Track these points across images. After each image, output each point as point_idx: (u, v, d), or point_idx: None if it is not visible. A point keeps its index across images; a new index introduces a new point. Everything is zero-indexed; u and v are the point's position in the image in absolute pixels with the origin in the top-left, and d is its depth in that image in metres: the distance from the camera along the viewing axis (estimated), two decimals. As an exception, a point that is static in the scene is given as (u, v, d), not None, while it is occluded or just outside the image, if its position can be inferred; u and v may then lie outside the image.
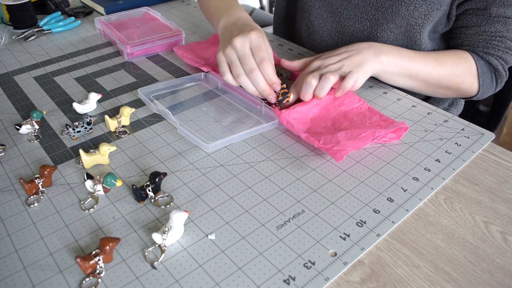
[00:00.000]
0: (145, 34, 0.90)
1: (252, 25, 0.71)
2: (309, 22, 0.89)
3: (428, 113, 0.70)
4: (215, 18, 0.78)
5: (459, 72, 0.74)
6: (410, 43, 0.79)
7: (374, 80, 0.78)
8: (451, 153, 0.61)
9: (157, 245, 0.48)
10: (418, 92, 0.78)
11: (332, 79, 0.64)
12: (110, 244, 0.44)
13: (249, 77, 0.66)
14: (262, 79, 0.65)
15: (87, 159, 0.58)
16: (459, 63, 0.74)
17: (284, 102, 0.67)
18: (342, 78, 0.66)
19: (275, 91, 0.67)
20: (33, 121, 0.65)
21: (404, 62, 0.71)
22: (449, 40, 0.82)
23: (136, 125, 0.67)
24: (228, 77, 0.68)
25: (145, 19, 0.99)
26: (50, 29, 0.99)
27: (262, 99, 0.69)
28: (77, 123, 0.65)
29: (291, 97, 0.67)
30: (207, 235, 0.49)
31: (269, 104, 0.68)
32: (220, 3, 0.81)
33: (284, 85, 0.68)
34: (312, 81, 0.64)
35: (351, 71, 0.65)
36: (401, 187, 0.56)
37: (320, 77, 0.65)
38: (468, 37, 0.76)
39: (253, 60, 0.66)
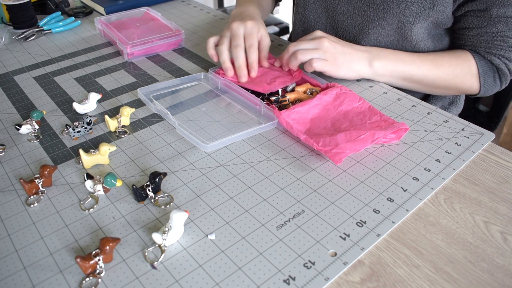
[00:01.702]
0: (145, 34, 0.90)
1: (253, 16, 0.79)
2: (304, 17, 0.91)
3: (428, 113, 0.70)
4: (236, 5, 0.92)
5: (457, 73, 0.76)
6: (401, 40, 0.80)
7: (374, 80, 0.78)
8: (451, 153, 0.61)
9: (157, 245, 0.48)
10: (417, 91, 0.81)
11: (300, 59, 0.71)
12: (110, 244, 0.44)
13: (232, 51, 0.74)
14: (243, 56, 0.73)
15: (87, 159, 0.58)
16: (457, 64, 0.75)
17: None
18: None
19: (275, 102, 0.69)
20: (33, 121, 0.65)
21: (398, 66, 0.74)
22: (452, 40, 0.82)
23: (136, 125, 0.67)
24: (210, 41, 0.79)
25: (145, 19, 0.99)
26: (50, 29, 0.99)
27: (262, 99, 0.69)
28: (77, 123, 0.65)
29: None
30: (207, 235, 0.49)
31: (269, 104, 0.69)
32: None
33: (286, 98, 0.69)
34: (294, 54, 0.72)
35: (316, 59, 0.71)
36: (401, 187, 0.56)
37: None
38: (470, 38, 0.76)
39: (242, 40, 0.74)
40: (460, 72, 0.76)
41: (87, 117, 0.64)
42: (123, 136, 0.65)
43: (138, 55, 0.88)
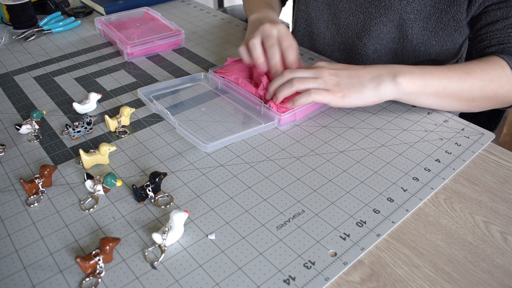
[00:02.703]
0: (145, 34, 0.90)
1: (278, 21, 0.76)
2: (306, 14, 0.91)
3: (428, 113, 0.70)
4: (250, 11, 0.85)
5: (491, 77, 0.66)
6: (402, 37, 0.80)
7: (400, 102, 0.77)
8: (451, 153, 0.61)
9: (157, 245, 0.48)
10: (453, 110, 0.70)
11: (297, 87, 0.64)
12: (110, 244, 0.44)
13: (267, 50, 0.69)
14: (279, 55, 0.68)
15: (87, 159, 0.58)
16: (489, 67, 0.67)
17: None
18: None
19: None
20: (33, 121, 0.65)
21: (426, 79, 0.64)
22: (473, 46, 0.76)
23: (136, 125, 0.67)
24: (243, 48, 0.73)
25: (145, 19, 0.98)
26: (50, 29, 0.99)
27: (261, 99, 0.69)
28: (77, 123, 0.65)
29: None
30: (207, 235, 0.49)
31: (265, 102, 0.68)
32: (259, 2, 0.87)
33: None
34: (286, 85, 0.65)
35: (315, 89, 0.63)
36: (401, 187, 0.56)
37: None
38: (496, 34, 0.70)
39: (276, 40, 0.70)
40: (494, 76, 0.66)
41: (87, 117, 0.64)
42: (123, 136, 0.65)
43: (138, 55, 0.88)
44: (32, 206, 0.53)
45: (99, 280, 0.44)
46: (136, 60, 0.87)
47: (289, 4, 1.12)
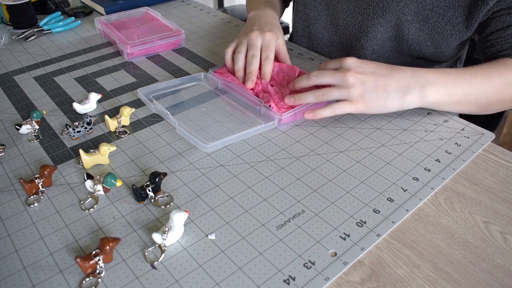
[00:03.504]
0: (145, 34, 0.90)
1: (273, 24, 0.79)
2: (304, 15, 0.91)
3: (428, 113, 0.70)
4: (250, 9, 0.89)
5: (510, 81, 0.67)
6: (398, 36, 0.80)
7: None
8: (451, 153, 0.61)
9: (157, 245, 0.48)
10: (468, 113, 0.70)
11: (319, 98, 0.64)
12: (110, 244, 0.44)
13: (248, 59, 0.73)
14: (256, 66, 0.72)
15: (87, 159, 0.58)
16: (507, 71, 0.67)
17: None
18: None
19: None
20: (33, 121, 0.65)
21: (450, 89, 0.64)
22: (483, 50, 0.76)
23: (136, 125, 0.67)
24: (228, 51, 0.77)
25: (145, 19, 0.98)
26: (50, 29, 0.99)
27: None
28: (77, 123, 0.65)
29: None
30: (207, 235, 0.49)
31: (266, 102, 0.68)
32: (260, 0, 0.90)
33: None
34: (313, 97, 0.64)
35: (337, 105, 0.63)
36: (401, 187, 0.56)
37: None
38: (507, 39, 0.70)
39: (259, 51, 0.74)
40: None
41: (87, 117, 0.64)
42: (123, 136, 0.65)
43: (138, 55, 0.88)
44: (32, 206, 0.53)
45: (99, 280, 0.44)
46: (136, 60, 0.87)
47: (290, 5, 1.12)
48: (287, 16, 2.56)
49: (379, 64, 0.65)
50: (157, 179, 0.53)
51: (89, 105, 0.70)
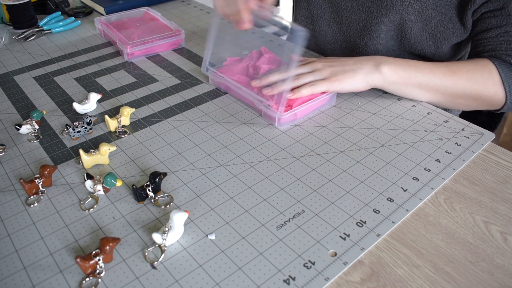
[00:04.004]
0: (145, 34, 0.90)
1: None
2: (307, 12, 0.91)
3: (428, 113, 0.70)
4: None
5: (476, 78, 0.69)
6: (400, 35, 0.80)
7: (386, 91, 0.78)
8: (451, 153, 0.61)
9: (157, 245, 0.48)
10: (438, 104, 0.73)
11: (295, 83, 0.68)
12: (110, 244, 0.44)
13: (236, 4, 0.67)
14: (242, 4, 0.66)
15: (87, 159, 0.58)
16: (476, 69, 0.69)
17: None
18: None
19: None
20: (33, 121, 0.65)
21: (410, 72, 0.69)
22: (470, 50, 0.78)
23: (136, 125, 0.67)
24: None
25: (145, 19, 0.98)
26: (50, 29, 0.99)
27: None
28: (77, 123, 0.65)
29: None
30: (207, 235, 0.49)
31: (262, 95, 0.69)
32: None
33: None
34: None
35: (314, 82, 0.68)
36: (401, 187, 0.56)
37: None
38: (489, 41, 0.72)
39: None
40: (480, 77, 0.69)
41: (87, 117, 0.64)
42: (123, 136, 0.65)
43: (138, 55, 0.88)
44: (32, 206, 0.53)
45: (99, 280, 0.44)
46: (136, 60, 0.87)
47: (290, 4, 1.12)
48: (288, 16, 2.55)
49: (337, 57, 0.74)
50: (157, 179, 0.53)
51: (89, 105, 0.70)
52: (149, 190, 0.52)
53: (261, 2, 0.70)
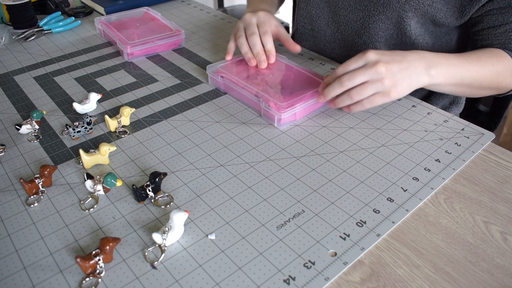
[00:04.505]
0: (145, 34, 0.90)
1: (266, 10, 0.84)
2: (306, 12, 0.92)
3: (428, 113, 0.70)
4: (248, 7, 0.95)
5: (500, 71, 0.73)
6: (400, 33, 0.80)
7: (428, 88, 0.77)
8: (451, 153, 0.61)
9: (157, 245, 0.48)
10: (459, 95, 0.77)
11: (356, 98, 0.63)
12: (110, 244, 0.44)
13: (248, 39, 0.78)
14: (259, 43, 0.77)
15: (87, 159, 0.58)
16: (498, 62, 0.73)
17: None
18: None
19: None
20: (33, 121, 0.65)
21: (451, 71, 0.69)
22: (473, 43, 0.80)
23: (136, 125, 0.67)
24: (231, 43, 0.82)
25: (145, 19, 0.98)
26: (50, 29, 0.99)
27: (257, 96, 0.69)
28: (77, 123, 0.65)
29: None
30: (207, 235, 0.49)
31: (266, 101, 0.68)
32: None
33: None
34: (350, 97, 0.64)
35: (378, 96, 0.63)
36: (401, 187, 0.56)
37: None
38: (497, 37, 0.74)
39: (255, 28, 0.78)
40: (502, 70, 0.73)
41: (87, 117, 0.64)
42: (123, 136, 0.65)
43: (138, 55, 0.88)
44: (32, 206, 0.53)
45: (99, 280, 0.44)
46: (136, 60, 0.87)
47: (290, 4, 1.12)
48: (288, 15, 2.56)
49: (391, 51, 0.67)
50: (157, 179, 0.53)
51: (89, 105, 0.70)
52: (149, 190, 0.52)
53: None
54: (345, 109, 0.66)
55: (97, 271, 0.44)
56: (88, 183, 0.54)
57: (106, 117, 0.65)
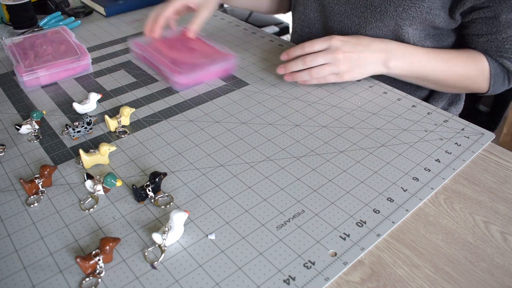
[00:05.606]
0: (191, 58, 0.77)
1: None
2: (303, 16, 0.91)
3: (428, 113, 0.70)
4: None
5: (469, 75, 0.77)
6: (397, 40, 0.80)
7: (374, 80, 0.78)
8: (451, 153, 0.61)
9: (157, 245, 0.48)
10: (426, 87, 0.83)
11: (309, 64, 0.73)
12: (110, 244, 0.44)
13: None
14: (161, 12, 0.83)
15: (87, 159, 0.58)
16: (471, 66, 0.77)
17: None
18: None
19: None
20: (33, 121, 0.65)
21: (414, 67, 0.75)
22: (462, 42, 0.83)
23: (136, 125, 0.67)
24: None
25: (183, 39, 0.85)
26: (50, 29, 0.99)
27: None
28: (77, 123, 0.65)
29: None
30: (207, 235, 0.49)
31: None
32: None
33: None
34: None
35: (329, 74, 0.73)
36: (401, 187, 0.56)
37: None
38: (480, 44, 0.77)
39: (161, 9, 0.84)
40: (472, 74, 0.77)
41: (87, 117, 0.64)
42: (123, 136, 0.65)
43: (188, 84, 0.76)
44: (32, 206, 0.53)
45: (99, 280, 0.44)
46: (136, 60, 0.87)
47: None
48: (288, 16, 2.55)
49: (358, 38, 0.76)
50: (157, 179, 0.53)
51: (89, 105, 0.70)
52: (149, 190, 0.52)
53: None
54: (300, 82, 0.76)
55: (97, 271, 0.44)
56: (88, 183, 0.54)
57: (106, 117, 0.65)
